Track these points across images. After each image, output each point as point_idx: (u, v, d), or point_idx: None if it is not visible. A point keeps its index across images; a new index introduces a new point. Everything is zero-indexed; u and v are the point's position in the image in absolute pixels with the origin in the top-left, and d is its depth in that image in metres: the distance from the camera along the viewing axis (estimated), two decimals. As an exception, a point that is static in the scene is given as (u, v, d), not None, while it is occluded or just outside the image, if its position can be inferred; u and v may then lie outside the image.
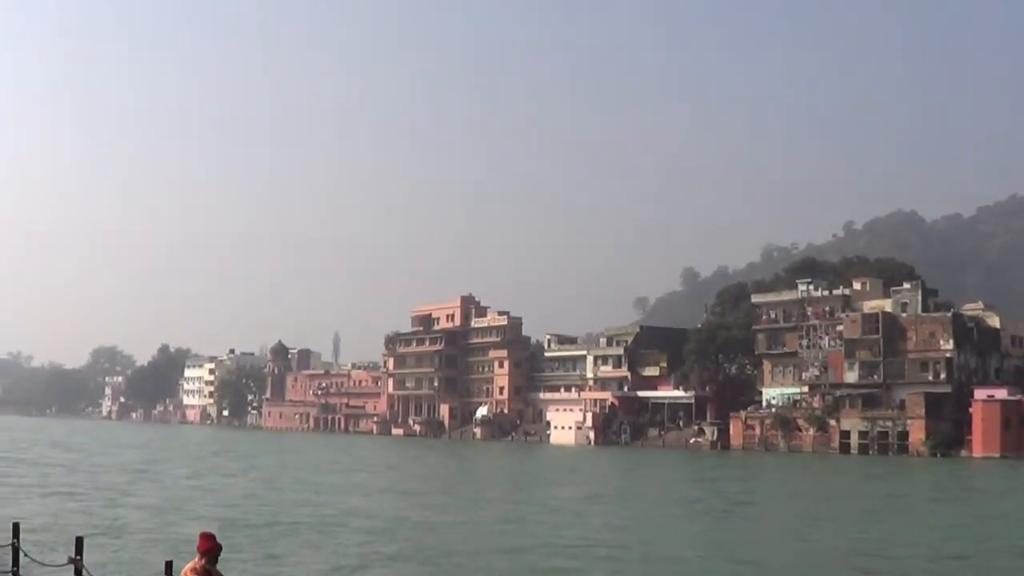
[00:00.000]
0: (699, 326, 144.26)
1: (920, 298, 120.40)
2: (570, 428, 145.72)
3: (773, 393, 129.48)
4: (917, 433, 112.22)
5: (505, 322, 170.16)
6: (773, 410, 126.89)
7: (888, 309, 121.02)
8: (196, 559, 11.10)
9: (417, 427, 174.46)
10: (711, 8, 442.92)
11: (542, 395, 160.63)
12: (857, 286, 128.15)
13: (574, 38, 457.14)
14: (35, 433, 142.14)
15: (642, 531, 38.01)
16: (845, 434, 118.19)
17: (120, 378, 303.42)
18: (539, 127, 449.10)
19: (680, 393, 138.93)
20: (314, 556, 29.05)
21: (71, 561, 14.61)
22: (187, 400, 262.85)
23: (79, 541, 14.90)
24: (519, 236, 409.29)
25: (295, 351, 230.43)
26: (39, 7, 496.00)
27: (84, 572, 14.91)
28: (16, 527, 17.53)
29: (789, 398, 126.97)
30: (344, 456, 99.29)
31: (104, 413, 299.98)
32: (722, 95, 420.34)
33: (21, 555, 17.44)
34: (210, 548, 11.14)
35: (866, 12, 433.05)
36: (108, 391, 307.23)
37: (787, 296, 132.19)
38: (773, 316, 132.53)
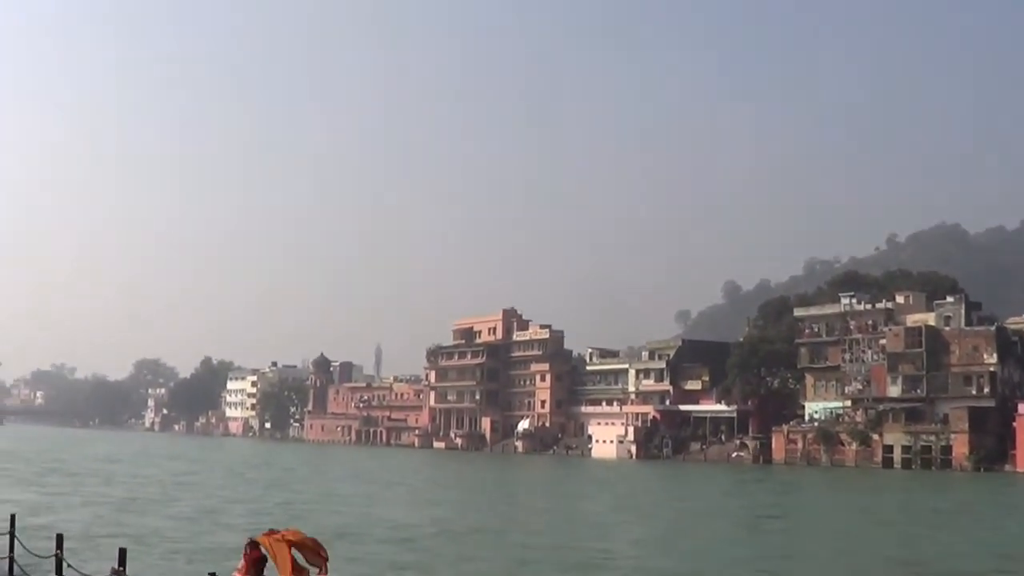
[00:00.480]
0: (741, 340, 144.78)
1: (963, 311, 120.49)
2: (612, 442, 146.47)
3: (816, 407, 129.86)
4: (960, 448, 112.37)
5: (547, 335, 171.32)
6: (816, 424, 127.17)
7: (931, 323, 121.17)
8: (242, 566, 11.17)
9: (459, 440, 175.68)
10: (756, 19, 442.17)
11: (584, 409, 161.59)
12: (900, 299, 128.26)
13: (626, 49, 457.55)
14: (77, 444, 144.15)
15: (688, 549, 38.32)
16: (888, 449, 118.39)
17: (163, 390, 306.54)
18: (583, 140, 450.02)
19: (722, 407, 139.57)
20: (350, 567, 30.09)
21: (114, 573, 14.33)
22: (230, 412, 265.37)
23: (122, 552, 14.64)
24: (561, 250, 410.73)
25: (337, 364, 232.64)
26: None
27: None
28: (60, 538, 17.57)
29: (832, 412, 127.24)
30: (384, 468, 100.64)
31: (147, 425, 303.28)
32: (764, 109, 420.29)
33: (65, 566, 17.21)
34: (257, 558, 11.17)
35: (909, 23, 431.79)
36: (151, 403, 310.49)
37: (830, 310, 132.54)
38: (816, 330, 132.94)
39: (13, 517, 20.16)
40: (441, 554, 33.49)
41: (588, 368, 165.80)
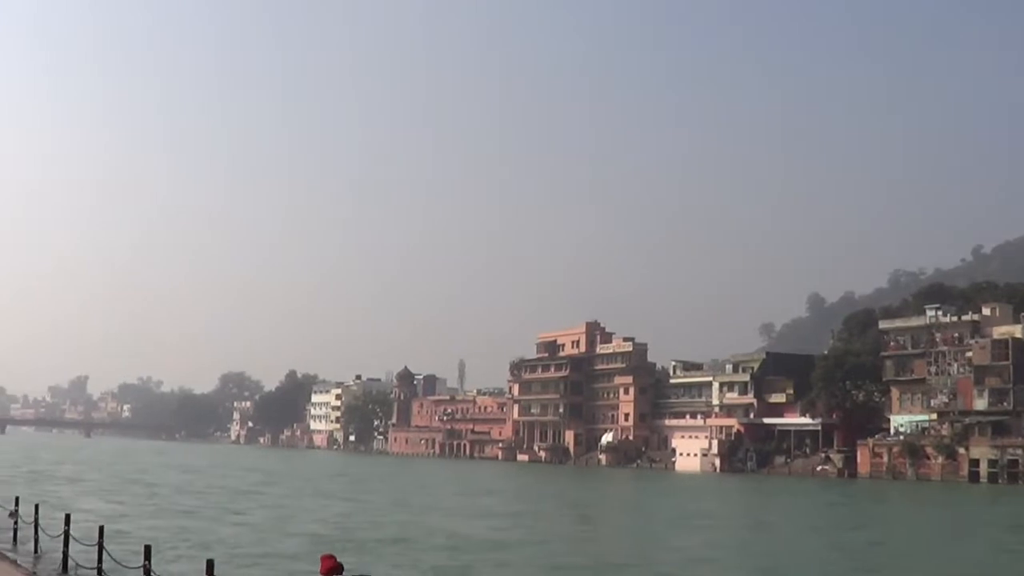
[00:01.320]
0: (826, 352, 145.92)
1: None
2: (695, 455, 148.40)
3: (901, 420, 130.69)
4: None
5: (630, 348, 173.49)
6: (901, 438, 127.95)
7: (1018, 335, 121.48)
8: None
9: (542, 453, 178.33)
10: (830, 24, 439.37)
11: (667, 422, 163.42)
12: (987, 311, 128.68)
13: (703, 66, 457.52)
14: (160, 456, 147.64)
15: (772, 564, 38.22)
16: (974, 462, 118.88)
17: (248, 403, 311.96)
18: (661, 152, 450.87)
19: (807, 420, 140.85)
20: (395, 571, 31.50)
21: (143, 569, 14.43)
22: (314, 425, 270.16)
23: (210, 564, 14.91)
24: (644, 262, 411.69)
25: (421, 377, 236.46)
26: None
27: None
28: (148, 549, 17.89)
29: (917, 425, 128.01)
30: (462, 481, 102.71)
31: (232, 438, 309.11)
32: (850, 115, 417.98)
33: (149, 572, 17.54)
34: (331, 568, 11.59)
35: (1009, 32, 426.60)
36: (236, 416, 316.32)
37: (915, 322, 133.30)
38: (901, 342, 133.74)
39: (101, 529, 20.96)
40: (483, 561, 34.78)
41: (672, 381, 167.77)
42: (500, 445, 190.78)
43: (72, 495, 56.92)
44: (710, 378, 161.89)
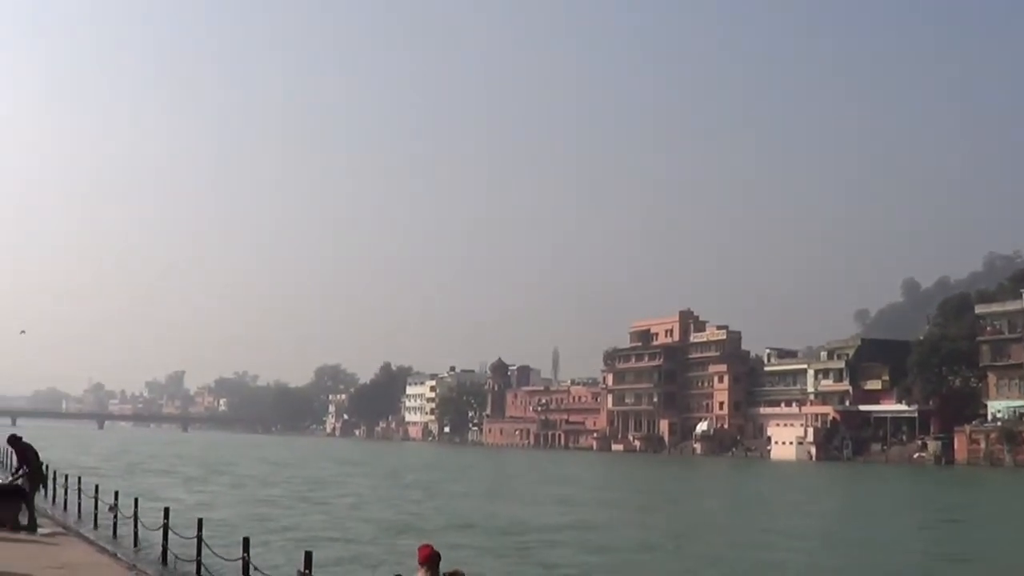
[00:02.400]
0: (921, 338, 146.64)
1: None
2: (791, 443, 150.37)
3: (999, 406, 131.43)
4: None
5: (724, 336, 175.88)
6: (998, 424, 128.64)
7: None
8: (420, 572, 11.74)
9: (637, 443, 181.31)
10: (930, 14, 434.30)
11: (762, 410, 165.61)
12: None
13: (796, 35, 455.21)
14: (255, 449, 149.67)
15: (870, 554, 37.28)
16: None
17: (343, 396, 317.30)
18: (749, 133, 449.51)
19: (903, 407, 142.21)
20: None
21: (300, 574, 14.89)
22: (409, 417, 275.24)
23: (308, 556, 15.07)
24: (737, 248, 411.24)
25: (515, 368, 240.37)
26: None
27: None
28: (247, 541, 18.13)
29: (1015, 411, 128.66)
30: (551, 470, 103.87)
31: (328, 430, 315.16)
32: (946, 95, 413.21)
33: (252, 569, 17.71)
34: (429, 555, 11.74)
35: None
36: (332, 409, 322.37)
37: (1012, 306, 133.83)
38: (998, 327, 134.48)
39: (200, 522, 21.20)
40: (529, 543, 36.02)
41: (766, 369, 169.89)
42: (595, 435, 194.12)
43: (164, 487, 58.85)
44: (805, 365, 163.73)
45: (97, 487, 31.94)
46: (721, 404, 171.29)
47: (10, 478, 27.01)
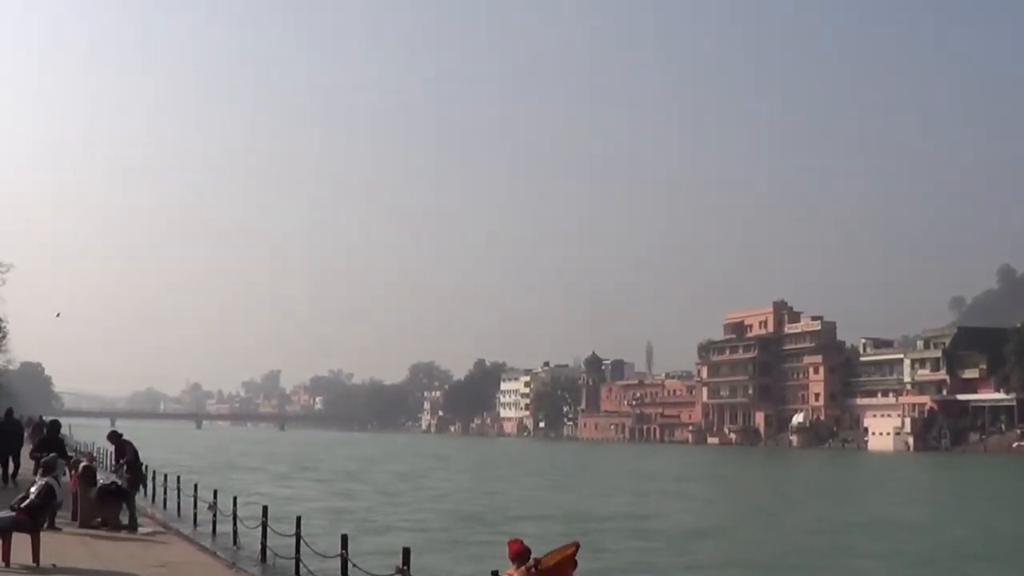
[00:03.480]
0: (1019, 325, 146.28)
1: None
2: (888, 434, 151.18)
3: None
4: None
5: (818, 327, 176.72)
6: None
7: None
8: (512, 568, 11.93)
9: (732, 435, 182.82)
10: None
11: (858, 401, 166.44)
12: None
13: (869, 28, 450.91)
14: (349, 446, 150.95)
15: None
16: None
17: (438, 393, 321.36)
18: (850, 125, 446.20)
19: (1001, 395, 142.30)
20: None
21: (399, 572, 14.95)
22: (504, 413, 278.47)
23: (406, 552, 15.11)
24: (829, 238, 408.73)
25: (608, 362, 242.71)
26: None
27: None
28: (344, 539, 18.10)
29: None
30: (640, 464, 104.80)
31: (423, 427, 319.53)
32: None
33: (350, 566, 17.77)
34: (519, 551, 11.91)
35: None
36: (427, 406, 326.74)
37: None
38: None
39: (299, 520, 21.39)
40: (579, 531, 35.82)
41: (862, 359, 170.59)
42: (690, 428, 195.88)
43: (258, 483, 60.32)
44: (901, 355, 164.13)
45: (196, 485, 32.32)
46: (817, 395, 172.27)
47: (110, 474, 27.18)
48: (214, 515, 28.86)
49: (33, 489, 19.37)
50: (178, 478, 35.98)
